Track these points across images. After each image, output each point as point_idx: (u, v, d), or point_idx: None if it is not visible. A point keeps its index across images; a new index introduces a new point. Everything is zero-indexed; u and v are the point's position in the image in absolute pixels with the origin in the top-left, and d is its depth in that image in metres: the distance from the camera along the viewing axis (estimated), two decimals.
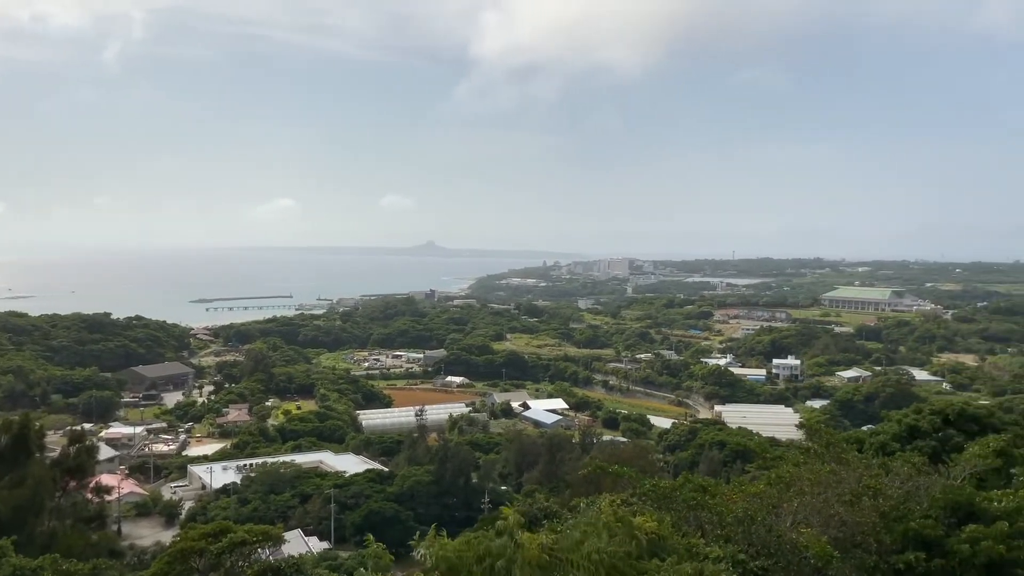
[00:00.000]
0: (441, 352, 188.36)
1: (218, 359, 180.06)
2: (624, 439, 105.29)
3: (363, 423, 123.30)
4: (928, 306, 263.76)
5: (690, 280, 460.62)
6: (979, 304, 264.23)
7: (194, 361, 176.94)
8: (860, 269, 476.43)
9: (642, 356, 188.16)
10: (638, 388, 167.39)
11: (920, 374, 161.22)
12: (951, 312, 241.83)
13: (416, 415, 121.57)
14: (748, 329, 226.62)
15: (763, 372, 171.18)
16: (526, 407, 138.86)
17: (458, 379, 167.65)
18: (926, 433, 28.41)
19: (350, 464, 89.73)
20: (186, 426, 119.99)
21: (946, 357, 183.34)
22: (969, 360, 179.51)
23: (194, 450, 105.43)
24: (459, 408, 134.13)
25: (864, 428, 52.80)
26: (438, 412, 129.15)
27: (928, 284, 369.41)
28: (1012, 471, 21.73)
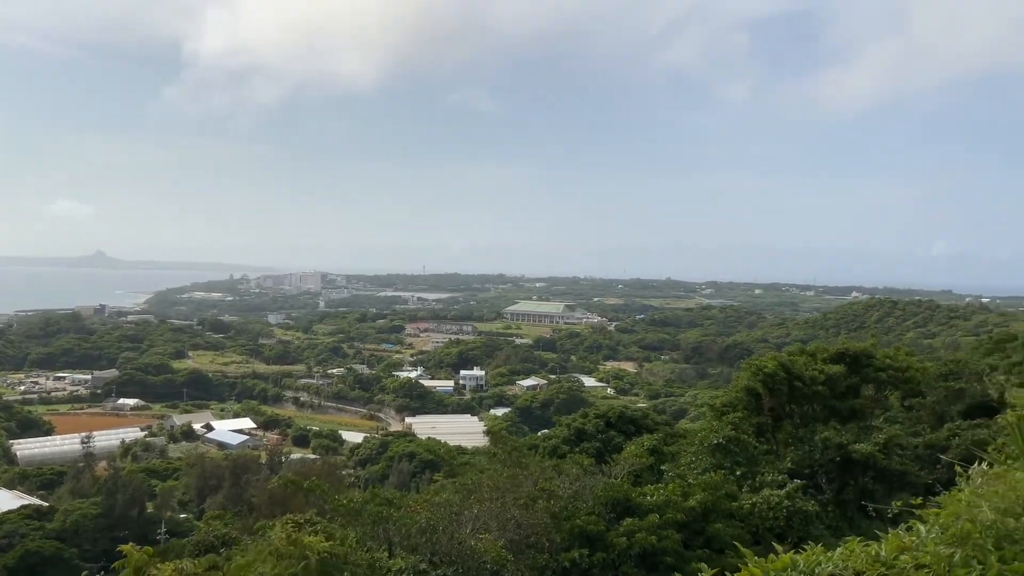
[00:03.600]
0: (113, 372, 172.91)
1: None
2: (315, 456, 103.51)
3: (18, 454, 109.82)
4: (595, 319, 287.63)
5: (383, 294, 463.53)
6: (637, 317, 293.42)
7: None
8: (538, 284, 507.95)
9: (335, 371, 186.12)
10: (330, 404, 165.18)
11: (589, 381, 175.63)
12: (614, 324, 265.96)
13: (82, 443, 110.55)
14: (438, 342, 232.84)
15: (451, 383, 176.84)
16: (210, 428, 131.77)
17: (132, 401, 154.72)
18: (592, 435, 31.08)
19: (2, 501, 79.26)
20: None
21: (611, 365, 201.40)
22: (629, 367, 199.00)
23: None
24: (133, 433, 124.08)
25: (540, 433, 56.57)
26: (109, 438, 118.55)
27: (596, 299, 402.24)
28: (662, 467, 24.47)
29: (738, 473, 21.71)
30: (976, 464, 4.66)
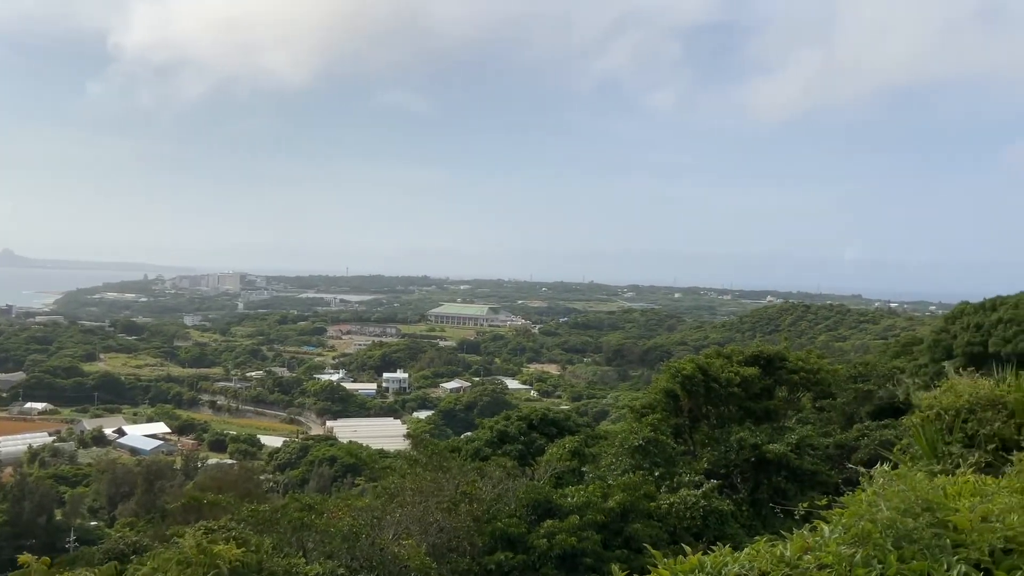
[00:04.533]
0: (20, 375, 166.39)
1: None
2: (232, 461, 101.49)
3: None
4: (519, 321, 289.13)
5: (304, 296, 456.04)
6: (561, 319, 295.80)
7: None
8: (462, 287, 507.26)
9: (253, 374, 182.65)
10: (249, 407, 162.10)
11: (512, 383, 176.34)
12: (538, 327, 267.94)
13: None
14: (361, 344, 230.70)
15: (374, 386, 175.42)
16: (122, 433, 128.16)
17: (40, 405, 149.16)
18: (514, 437, 31.15)
19: None
20: None
21: (534, 367, 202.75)
22: (553, 369, 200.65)
23: None
24: (41, 438, 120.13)
25: (463, 435, 56.56)
26: (15, 443, 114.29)
27: (520, 301, 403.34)
28: (583, 469, 24.72)
29: (657, 474, 22.06)
30: (878, 465, 4.85)
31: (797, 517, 6.52)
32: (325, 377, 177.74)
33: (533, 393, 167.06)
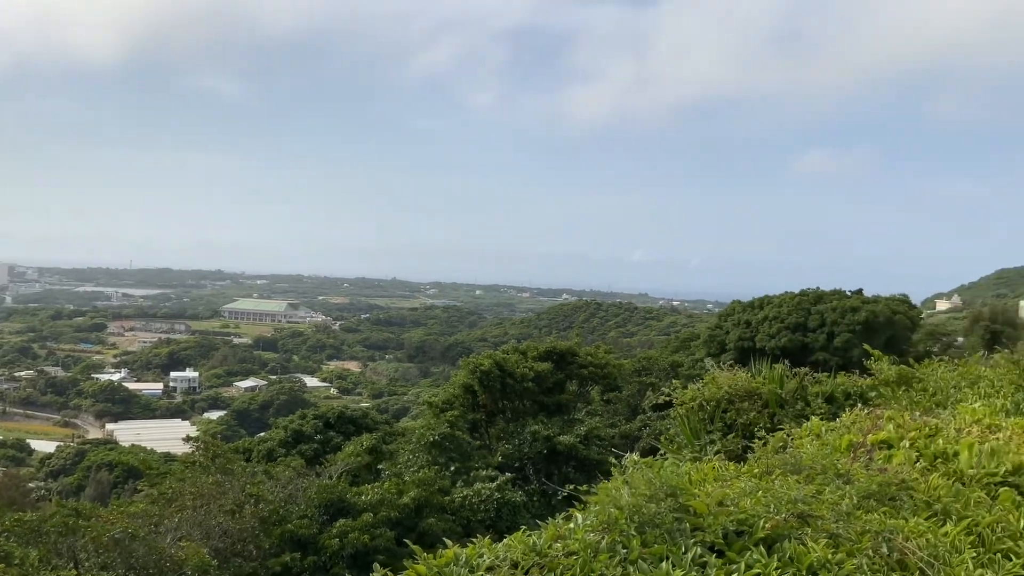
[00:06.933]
0: None
1: None
2: None
3: None
4: (320, 318, 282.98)
5: (82, 289, 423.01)
6: (363, 316, 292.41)
7: None
8: (259, 282, 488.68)
9: (23, 374, 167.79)
10: (17, 410, 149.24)
11: (312, 381, 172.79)
12: (339, 323, 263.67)
13: None
14: (145, 342, 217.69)
15: (160, 386, 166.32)
16: None
17: None
18: (310, 436, 30.58)
19: None
20: None
21: (334, 364, 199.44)
22: (354, 366, 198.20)
23: None
24: None
25: (257, 436, 54.70)
26: None
27: (320, 297, 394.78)
28: (380, 466, 24.68)
29: (453, 469, 22.43)
30: (629, 454, 5.19)
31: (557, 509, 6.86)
32: (105, 377, 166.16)
33: (333, 391, 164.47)
